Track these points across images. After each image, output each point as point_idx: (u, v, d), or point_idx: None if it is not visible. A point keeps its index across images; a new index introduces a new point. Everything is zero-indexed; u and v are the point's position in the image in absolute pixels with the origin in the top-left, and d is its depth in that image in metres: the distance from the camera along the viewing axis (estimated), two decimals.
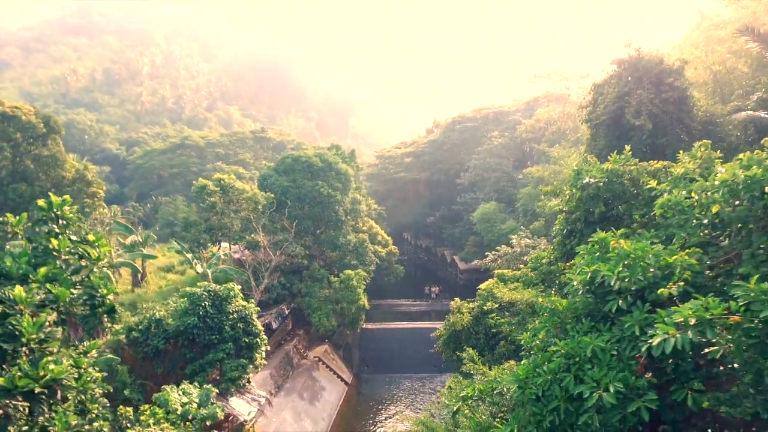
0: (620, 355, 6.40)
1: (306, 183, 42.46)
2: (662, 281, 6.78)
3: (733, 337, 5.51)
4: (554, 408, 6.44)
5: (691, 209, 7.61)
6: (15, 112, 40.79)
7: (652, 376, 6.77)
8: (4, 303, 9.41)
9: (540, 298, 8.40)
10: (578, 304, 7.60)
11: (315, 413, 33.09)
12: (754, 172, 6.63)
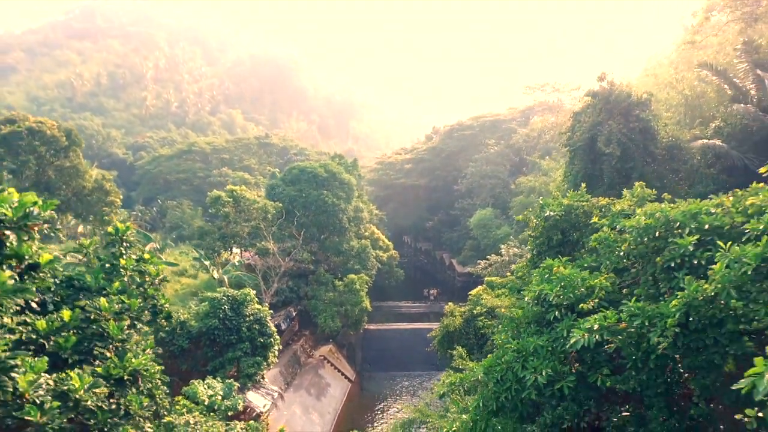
0: (553, 351, 9.09)
1: (312, 192, 45.20)
2: (585, 297, 9.45)
3: (621, 337, 8.21)
4: (507, 387, 9.15)
5: (614, 243, 10.32)
6: (40, 127, 43.54)
7: (579, 365, 9.47)
8: (93, 311, 12.16)
9: (504, 309, 11.00)
10: (529, 314, 10.32)
11: (321, 407, 35.85)
12: (650, 221, 9.36)
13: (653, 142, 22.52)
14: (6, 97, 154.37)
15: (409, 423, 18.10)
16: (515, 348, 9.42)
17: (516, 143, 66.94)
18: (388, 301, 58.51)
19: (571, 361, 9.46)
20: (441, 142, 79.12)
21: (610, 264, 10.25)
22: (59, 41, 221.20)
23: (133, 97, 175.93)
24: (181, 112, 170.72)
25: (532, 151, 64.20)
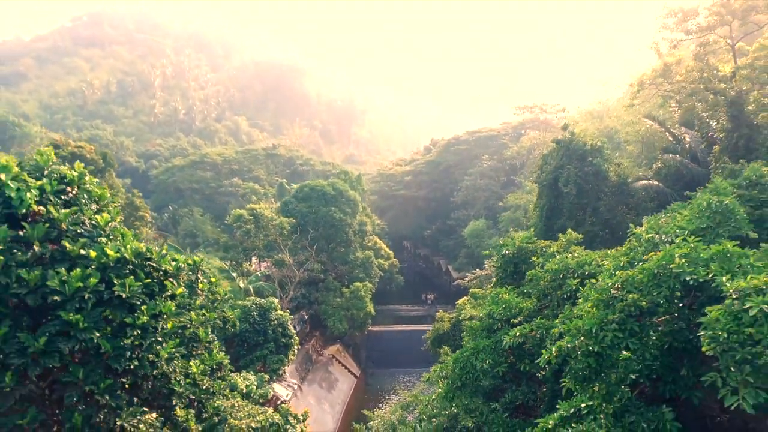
0: (495, 348, 14.47)
1: (321, 209, 50.68)
2: (517, 315, 14.81)
3: (532, 341, 13.55)
4: (466, 372, 14.57)
5: (539, 278, 15.69)
6: (80, 151, 49.01)
7: (513, 359, 14.85)
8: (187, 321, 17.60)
9: (467, 321, 16.37)
10: (483, 324, 15.76)
11: (332, 399, 41.33)
12: (557, 266, 14.77)
13: (604, 183, 27.94)
14: (21, 105, 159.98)
15: (406, 405, 23.51)
16: (472, 347, 14.90)
17: (508, 158, 72.45)
18: (389, 304, 63.95)
19: (507, 355, 14.93)
20: (438, 156, 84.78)
21: (536, 292, 15.72)
22: (68, 48, 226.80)
23: (142, 104, 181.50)
24: (189, 119, 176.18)
25: (523, 166, 69.67)
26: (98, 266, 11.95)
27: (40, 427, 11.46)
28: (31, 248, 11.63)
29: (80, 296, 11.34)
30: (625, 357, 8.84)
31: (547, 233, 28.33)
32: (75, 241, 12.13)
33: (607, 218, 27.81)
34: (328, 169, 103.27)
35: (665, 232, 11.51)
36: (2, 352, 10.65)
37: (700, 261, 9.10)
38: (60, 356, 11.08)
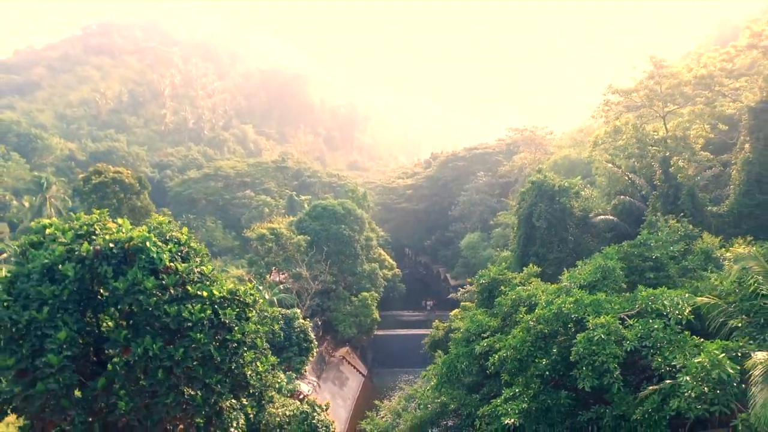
0: (470, 354, 20.77)
1: (332, 227, 57.09)
2: (486, 330, 21.08)
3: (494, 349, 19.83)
4: (451, 370, 20.91)
5: (503, 303, 22.02)
6: (119, 176, 55.47)
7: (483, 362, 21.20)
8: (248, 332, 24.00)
9: (452, 333, 22.61)
10: (463, 336, 22.10)
11: (343, 394, 47.74)
12: (514, 296, 21.12)
13: (570, 217, 34.26)
14: (37, 116, 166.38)
15: (408, 397, 29.86)
16: (455, 353, 21.33)
17: (501, 175, 78.84)
18: (393, 310, 70.25)
19: (479, 359, 21.34)
20: (437, 171, 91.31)
21: (500, 314, 22.13)
22: (79, 57, 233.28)
23: (152, 113, 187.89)
24: (198, 128, 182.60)
25: (515, 183, 76.03)
26: (209, 302, 18.50)
27: (176, 404, 17.90)
28: (168, 291, 18.16)
29: (201, 322, 17.87)
30: (537, 362, 15.24)
31: (524, 257, 34.75)
32: (193, 285, 18.67)
33: (572, 246, 34.19)
34: (334, 181, 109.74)
35: (574, 280, 17.93)
36: (158, 357, 17.11)
37: (582, 306, 15.49)
38: (191, 360, 17.60)
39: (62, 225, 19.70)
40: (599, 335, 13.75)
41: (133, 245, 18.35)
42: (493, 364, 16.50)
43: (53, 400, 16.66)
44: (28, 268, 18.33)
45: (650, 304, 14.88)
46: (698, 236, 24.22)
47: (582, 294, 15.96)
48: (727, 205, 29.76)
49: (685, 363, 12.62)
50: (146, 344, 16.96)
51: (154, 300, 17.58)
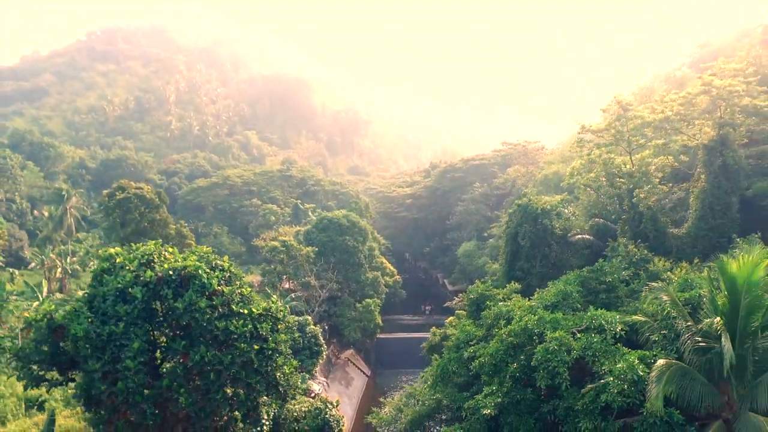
0: (459, 359, 25.21)
1: (337, 238, 61.57)
2: (473, 339, 25.53)
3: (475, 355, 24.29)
4: (444, 373, 25.39)
5: (487, 316, 26.43)
6: (140, 192, 59.87)
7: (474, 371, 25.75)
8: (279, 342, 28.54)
9: (444, 342, 27.10)
10: (454, 344, 26.55)
11: (349, 393, 52.24)
12: (492, 312, 25.57)
13: (551, 236, 38.72)
14: (47, 123, 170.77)
15: (409, 395, 34.36)
16: (447, 357, 25.85)
17: (496, 186, 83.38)
18: (393, 314, 74.64)
19: (466, 363, 25.86)
20: (436, 181, 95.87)
21: (485, 325, 26.65)
22: (84, 63, 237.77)
23: (158, 120, 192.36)
24: (202, 134, 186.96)
25: (509, 194, 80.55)
26: (249, 318, 23.01)
27: (224, 400, 22.38)
28: (217, 309, 22.68)
29: (244, 334, 22.39)
30: (508, 366, 19.76)
31: (510, 271, 39.28)
32: (236, 305, 23.18)
33: (553, 261, 38.71)
34: (337, 189, 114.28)
35: (541, 300, 22.48)
36: (211, 363, 21.62)
37: (543, 322, 20.02)
38: (236, 365, 22.12)
39: (128, 255, 24.28)
40: (554, 346, 18.21)
41: (188, 272, 22.94)
42: (475, 368, 21.01)
43: (130, 396, 21.18)
44: (103, 290, 22.94)
45: (593, 322, 19.28)
46: (650, 260, 28.69)
47: (544, 313, 20.47)
48: (686, 228, 34.25)
49: (612, 368, 17.07)
50: (201, 352, 21.51)
51: (206, 317, 22.17)
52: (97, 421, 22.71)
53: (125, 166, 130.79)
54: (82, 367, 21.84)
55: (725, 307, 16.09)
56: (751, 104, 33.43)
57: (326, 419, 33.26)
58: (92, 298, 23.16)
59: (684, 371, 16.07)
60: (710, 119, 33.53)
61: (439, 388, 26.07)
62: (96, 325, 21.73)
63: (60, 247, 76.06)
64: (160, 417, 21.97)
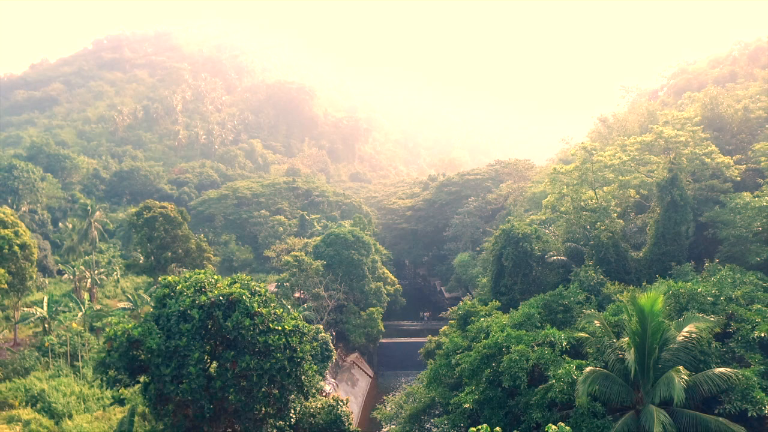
0: (449, 364, 31.36)
1: (344, 252, 67.80)
2: (459, 348, 31.65)
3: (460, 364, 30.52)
4: (436, 375, 31.55)
5: (471, 330, 32.55)
6: (165, 211, 66.05)
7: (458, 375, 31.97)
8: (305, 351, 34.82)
9: (441, 348, 33.23)
10: (444, 352, 32.70)
11: (355, 393, 58.44)
12: (473, 327, 31.72)
13: (531, 257, 44.91)
14: (59, 133, 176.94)
15: (408, 394, 40.54)
16: (439, 363, 32.09)
17: (489, 201, 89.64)
18: (394, 320, 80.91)
19: (455, 368, 32.11)
20: (433, 195, 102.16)
21: (469, 337, 32.92)
22: (92, 72, 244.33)
23: (165, 128, 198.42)
24: (209, 143, 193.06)
25: (501, 208, 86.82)
26: (283, 333, 29.22)
27: (264, 397, 28.60)
28: (258, 327, 28.91)
29: (279, 346, 28.64)
30: (483, 372, 26.00)
31: (496, 287, 45.47)
32: (273, 323, 29.39)
33: (533, 279, 44.95)
34: (340, 200, 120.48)
35: (511, 320, 28.73)
36: (254, 369, 27.85)
37: (510, 338, 26.26)
38: (273, 370, 28.36)
39: (184, 283, 30.52)
40: (515, 356, 24.39)
41: (234, 297, 29.19)
42: (459, 372, 27.23)
43: (191, 395, 27.39)
44: (167, 312, 29.17)
45: (546, 338, 25.41)
46: (604, 284, 34.86)
47: (512, 330, 26.64)
48: (643, 253, 40.41)
49: (555, 373, 23.22)
50: (246, 361, 27.75)
51: (250, 333, 28.42)
52: (164, 414, 28.97)
53: (137, 176, 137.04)
54: (154, 372, 28.10)
55: (636, 329, 22.26)
56: (692, 152, 39.63)
57: (338, 414, 39.30)
58: (158, 318, 29.44)
59: (605, 375, 22.27)
60: (663, 161, 39.75)
61: (432, 388, 32.26)
62: (164, 339, 27.99)
63: (86, 257, 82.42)
64: (213, 411, 28.20)
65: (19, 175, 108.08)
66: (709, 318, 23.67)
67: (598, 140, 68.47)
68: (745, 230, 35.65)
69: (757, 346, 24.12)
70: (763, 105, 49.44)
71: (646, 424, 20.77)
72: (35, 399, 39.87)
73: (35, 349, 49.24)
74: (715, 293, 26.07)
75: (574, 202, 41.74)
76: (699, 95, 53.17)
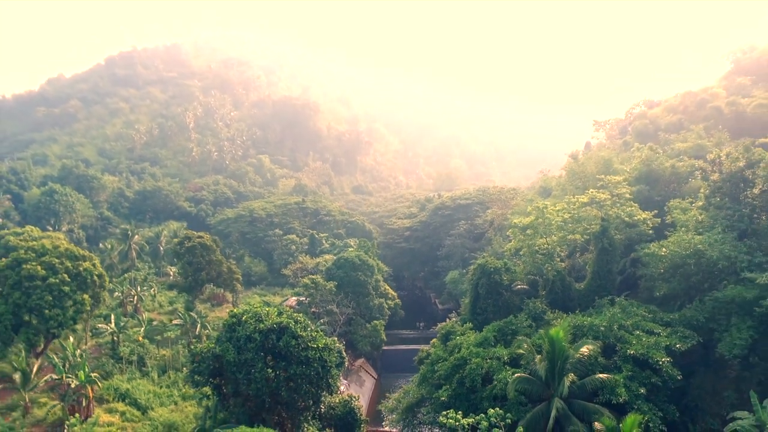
0: (434, 370, 44.14)
1: (351, 274, 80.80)
2: (441, 359, 44.52)
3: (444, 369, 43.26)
4: (425, 377, 44.36)
5: (455, 347, 45.38)
6: (202, 241, 78.98)
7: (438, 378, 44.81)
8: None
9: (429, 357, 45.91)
10: (430, 360, 45.60)
11: (362, 392, 71.39)
12: (454, 342, 44.52)
13: (500, 286, 57.75)
14: (81, 151, 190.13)
15: (405, 392, 53.31)
16: (426, 369, 45.13)
17: (477, 225, 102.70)
18: (395, 329, 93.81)
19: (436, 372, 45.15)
20: (429, 218, 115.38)
21: (448, 350, 45.92)
22: (107, 89, 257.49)
23: (179, 145, 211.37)
24: (220, 158, 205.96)
25: (486, 232, 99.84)
26: (317, 348, 42.54)
27: (305, 393, 41.77)
28: (300, 345, 42.16)
29: (315, 358, 41.95)
30: (455, 376, 39.02)
31: (473, 309, 58.35)
32: (311, 342, 42.63)
33: (502, 303, 57.93)
34: (345, 218, 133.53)
35: (477, 339, 41.76)
36: (299, 374, 41.09)
37: (472, 353, 39.24)
38: (312, 374, 41.62)
39: (248, 313, 43.52)
40: (474, 366, 37.34)
41: (283, 325, 42.16)
42: (438, 376, 40.28)
43: (256, 392, 40.33)
44: (237, 335, 42.12)
45: (495, 354, 38.20)
46: (546, 311, 47.73)
47: (474, 348, 39.66)
48: (583, 286, 53.30)
49: (498, 377, 36.10)
50: (294, 369, 40.73)
51: (295, 350, 41.39)
52: (234, 405, 41.91)
53: (159, 195, 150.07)
54: (229, 377, 41.08)
55: (548, 350, 35.18)
56: (615, 212, 52.68)
57: (352, 407, 52.17)
58: (230, 339, 42.40)
59: (528, 379, 35.17)
60: (596, 217, 52.88)
61: (421, 387, 45.18)
62: (237, 354, 40.97)
63: (125, 275, 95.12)
64: (270, 403, 41.15)
65: (59, 198, 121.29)
66: (596, 342, 36.78)
67: (569, 174, 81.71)
68: (653, 271, 48.55)
69: (631, 360, 37.09)
70: (687, 163, 62.47)
71: (551, 409, 33.81)
72: (123, 396, 52.77)
73: (110, 357, 62.11)
74: (606, 325, 39.08)
75: (530, 248, 54.75)
76: (641, 152, 66.33)
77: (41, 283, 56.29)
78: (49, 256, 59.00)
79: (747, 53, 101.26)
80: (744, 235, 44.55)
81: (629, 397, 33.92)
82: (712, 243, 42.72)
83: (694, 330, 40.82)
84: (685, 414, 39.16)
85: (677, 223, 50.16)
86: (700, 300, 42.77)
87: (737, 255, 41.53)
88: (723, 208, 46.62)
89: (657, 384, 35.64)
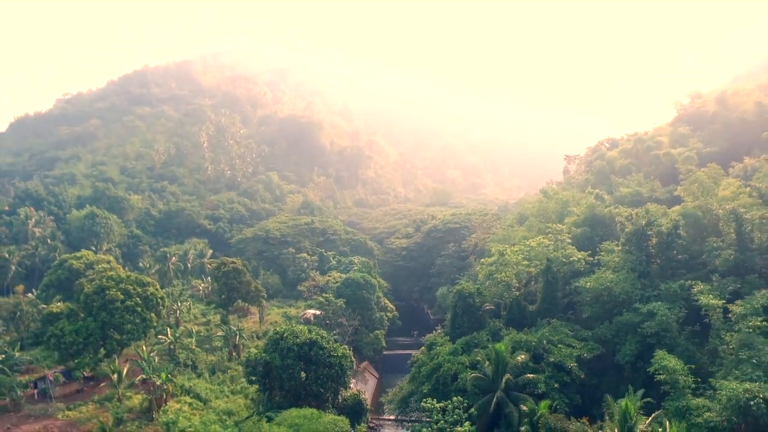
0: (421, 373, 61.37)
1: (357, 292, 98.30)
2: (425, 364, 61.82)
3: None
4: (415, 376, 61.69)
5: (434, 355, 62.63)
6: (236, 266, 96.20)
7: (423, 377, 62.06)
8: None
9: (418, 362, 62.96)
10: (418, 364, 62.95)
11: (366, 389, 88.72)
12: (435, 351, 61.79)
13: (473, 307, 74.94)
14: (105, 170, 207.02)
15: (400, 387, 70.47)
16: (415, 370, 62.69)
17: (463, 249, 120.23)
18: (393, 336, 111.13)
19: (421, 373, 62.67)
20: (423, 239, 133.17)
21: (431, 356, 63.44)
22: (123, 107, 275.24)
23: (194, 163, 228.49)
24: (233, 176, 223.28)
25: (471, 254, 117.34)
26: (336, 356, 60.39)
27: (327, 389, 59.49)
28: (326, 354, 59.93)
29: (336, 363, 59.72)
30: (433, 376, 56.57)
31: (453, 324, 75.80)
32: (333, 350, 60.36)
33: (474, 320, 75.46)
34: (350, 237, 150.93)
35: (450, 349, 59.30)
36: (324, 374, 58.85)
37: (446, 360, 56.73)
38: (334, 374, 59.46)
39: (288, 330, 61.06)
40: (446, 368, 54.63)
41: (313, 340, 59.69)
42: (423, 376, 57.75)
43: (294, 387, 57.79)
44: (281, 347, 59.67)
45: (461, 360, 55.19)
46: (502, 328, 65.01)
47: (447, 356, 56.99)
48: (535, 308, 70.62)
49: (463, 376, 53.33)
50: (320, 370, 58.24)
51: (322, 357, 58.98)
52: (278, 397, 59.24)
53: (182, 215, 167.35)
54: (275, 377, 58.49)
55: (494, 358, 52.54)
56: (555, 255, 70.36)
57: (360, 399, 69.52)
58: (275, 349, 59.81)
59: (481, 377, 52.52)
60: (544, 257, 70.56)
61: (412, 384, 62.60)
62: (281, 360, 58.38)
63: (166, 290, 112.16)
64: (303, 395, 58.60)
65: (100, 221, 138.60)
66: (528, 354, 54.37)
67: (538, 209, 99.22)
68: (583, 298, 65.99)
69: (552, 365, 54.57)
70: (621, 210, 79.97)
71: (494, 397, 51.33)
72: (188, 391, 70.03)
73: (169, 361, 79.42)
74: (536, 340, 56.52)
75: (494, 280, 72.36)
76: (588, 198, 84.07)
77: (120, 305, 73.66)
78: (124, 284, 76.41)
79: (694, 100, 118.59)
80: (642, 276, 62.09)
81: (546, 389, 51.43)
82: (618, 281, 60.28)
83: (604, 344, 58.41)
84: (594, 402, 56.71)
85: (602, 262, 67.65)
86: (610, 321, 60.31)
87: (633, 291, 59.12)
88: (631, 253, 64.14)
89: (567, 381, 53.14)
